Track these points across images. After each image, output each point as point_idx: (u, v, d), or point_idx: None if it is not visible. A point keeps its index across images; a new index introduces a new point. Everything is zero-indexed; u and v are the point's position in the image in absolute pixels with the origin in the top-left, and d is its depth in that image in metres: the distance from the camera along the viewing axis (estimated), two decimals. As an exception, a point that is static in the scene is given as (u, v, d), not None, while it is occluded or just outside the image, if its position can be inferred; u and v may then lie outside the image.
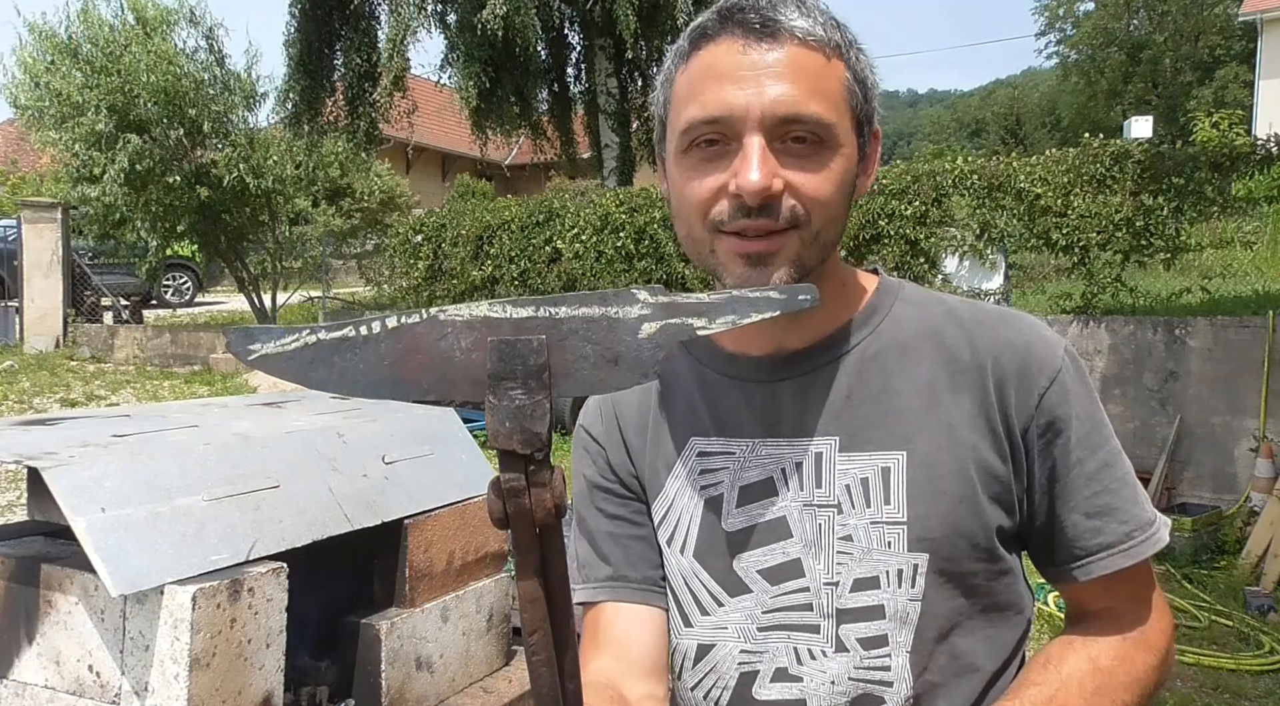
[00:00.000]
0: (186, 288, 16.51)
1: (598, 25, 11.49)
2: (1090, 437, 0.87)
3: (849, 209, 0.88)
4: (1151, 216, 6.49)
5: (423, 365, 0.57)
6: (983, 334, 0.89)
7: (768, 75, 0.80)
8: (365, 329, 0.58)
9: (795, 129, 0.80)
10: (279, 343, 0.58)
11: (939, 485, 0.85)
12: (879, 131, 0.91)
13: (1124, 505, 0.88)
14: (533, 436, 0.54)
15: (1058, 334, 0.92)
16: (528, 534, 0.57)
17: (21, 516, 1.54)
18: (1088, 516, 0.87)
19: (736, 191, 0.80)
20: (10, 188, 18.20)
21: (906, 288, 0.96)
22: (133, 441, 1.46)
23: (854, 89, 0.85)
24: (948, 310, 0.93)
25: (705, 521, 0.91)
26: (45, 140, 12.41)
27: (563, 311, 0.56)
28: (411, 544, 1.64)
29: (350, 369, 0.58)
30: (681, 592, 0.94)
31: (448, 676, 1.68)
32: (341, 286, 16.15)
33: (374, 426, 1.75)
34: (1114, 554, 0.87)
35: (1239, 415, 5.48)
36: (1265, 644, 3.75)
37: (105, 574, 1.19)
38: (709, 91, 0.81)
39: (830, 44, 0.83)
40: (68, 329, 13.07)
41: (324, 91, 12.18)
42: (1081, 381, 0.89)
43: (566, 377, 0.56)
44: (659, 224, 8.43)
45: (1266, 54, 19.87)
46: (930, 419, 0.87)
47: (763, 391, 0.92)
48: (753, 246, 0.82)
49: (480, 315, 0.57)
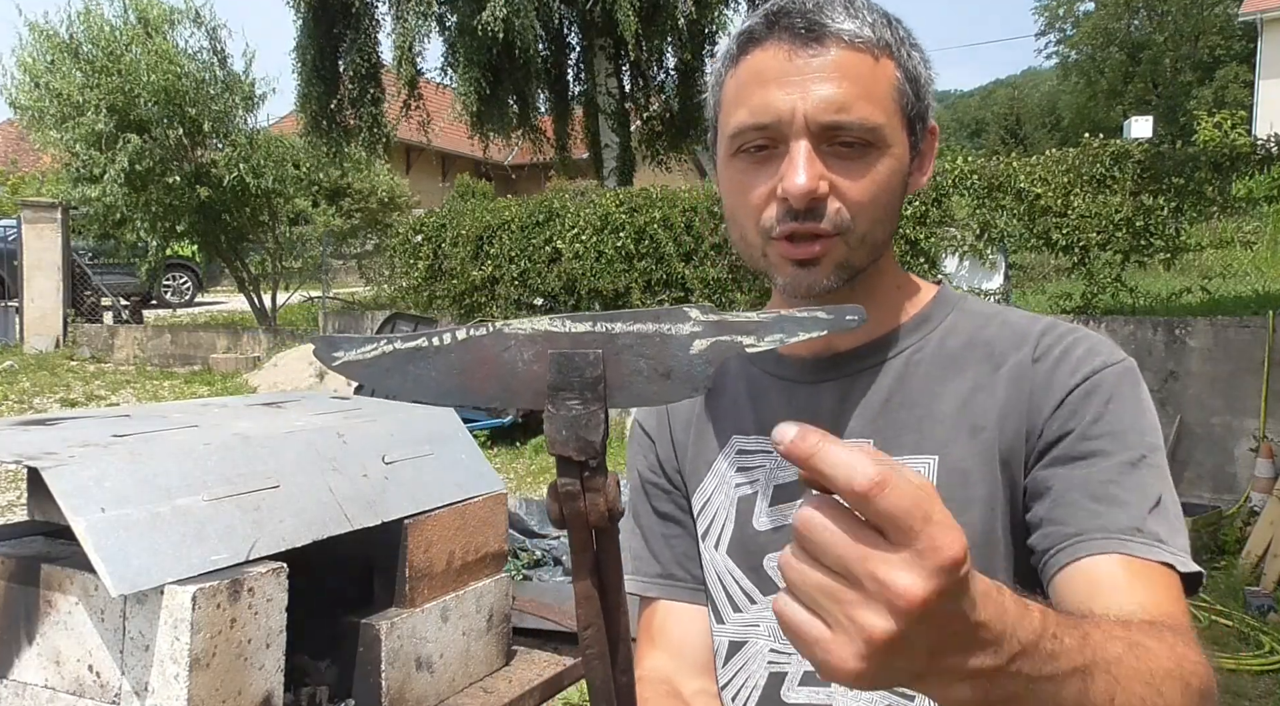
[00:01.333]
0: (186, 288, 16.51)
1: (598, 26, 11.49)
2: (1121, 437, 0.81)
3: (899, 209, 0.88)
4: (1151, 216, 6.50)
5: (489, 375, 0.60)
6: (1031, 340, 0.88)
7: (814, 80, 0.80)
8: (437, 340, 0.61)
9: (842, 134, 0.81)
10: (360, 351, 0.62)
11: (970, 491, 0.83)
12: (935, 127, 0.91)
13: (1135, 504, 0.78)
14: (587, 445, 0.57)
15: (1120, 351, 0.87)
16: (583, 535, 0.60)
17: (21, 516, 1.54)
18: (1093, 499, 0.79)
19: (783, 195, 0.81)
20: (10, 188, 18.19)
21: (968, 300, 0.95)
22: (133, 441, 1.46)
23: (904, 88, 0.84)
24: (1004, 322, 0.91)
25: (738, 519, 0.92)
26: (45, 140, 12.41)
27: (618, 327, 0.58)
28: (411, 544, 1.64)
29: (423, 377, 0.61)
30: (715, 588, 0.94)
31: (448, 676, 1.68)
32: (341, 286, 16.16)
33: (374, 426, 1.75)
34: (1109, 538, 0.76)
35: (1239, 415, 5.48)
36: (1265, 644, 3.76)
37: (105, 574, 1.19)
38: (756, 97, 0.82)
39: (879, 44, 0.83)
40: (68, 329, 13.07)
41: (336, 96, 12.20)
42: (1131, 390, 0.84)
43: (621, 390, 0.58)
44: (659, 224, 8.43)
45: (1266, 54, 19.87)
46: (964, 424, 0.85)
47: (805, 391, 0.92)
48: (800, 252, 0.83)
49: (542, 329, 0.59)
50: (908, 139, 0.86)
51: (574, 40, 12.87)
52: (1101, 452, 0.81)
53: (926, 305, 0.93)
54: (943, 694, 0.51)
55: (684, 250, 8.35)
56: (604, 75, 12.23)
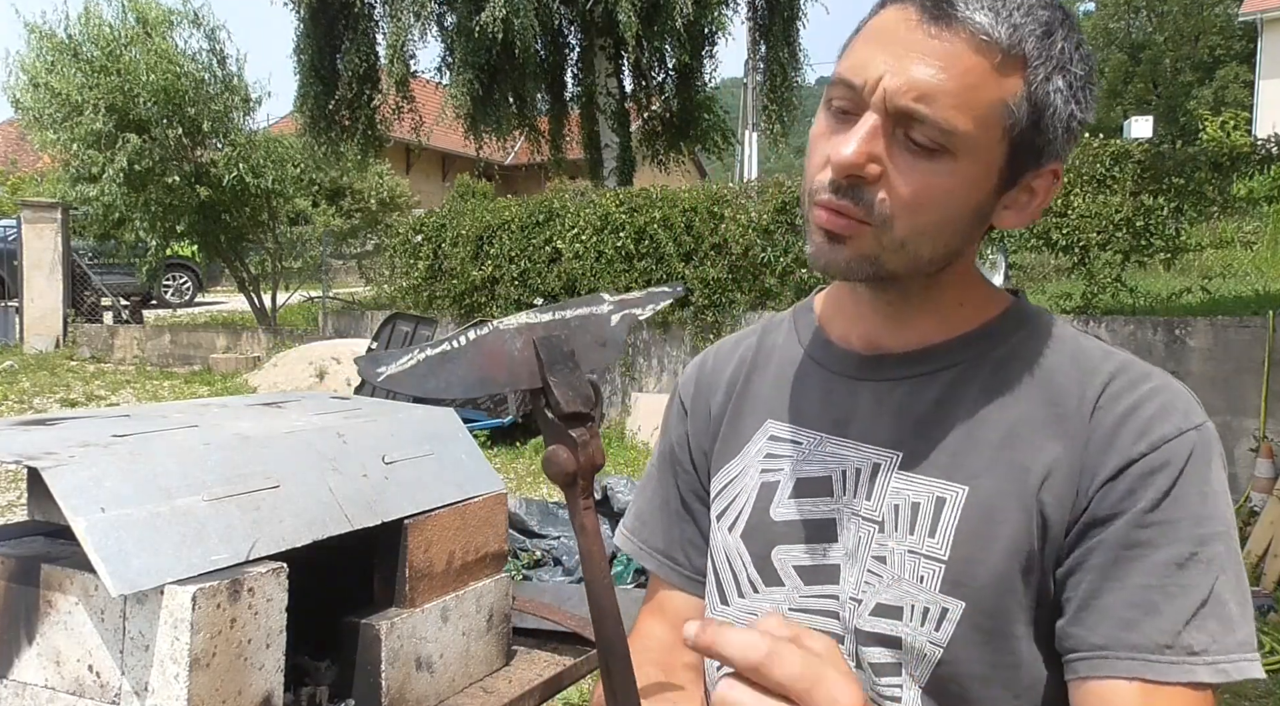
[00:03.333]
0: (186, 288, 16.51)
1: (598, 25, 11.49)
2: (1179, 527, 0.73)
3: (960, 232, 0.79)
4: (1151, 216, 6.50)
5: (498, 365, 0.73)
6: (1097, 382, 0.79)
7: (915, 59, 0.73)
8: (456, 343, 0.74)
9: (914, 127, 0.74)
10: (398, 364, 0.73)
11: (995, 530, 0.77)
12: (1058, 170, 0.81)
13: (1174, 615, 0.72)
14: (588, 397, 0.72)
15: (1197, 411, 0.79)
16: (589, 480, 0.73)
17: (21, 516, 1.54)
18: (1128, 605, 0.73)
19: (831, 162, 0.77)
20: (10, 187, 18.19)
21: (1042, 320, 0.86)
22: (133, 441, 1.46)
23: (1018, 109, 0.74)
24: (1075, 353, 0.83)
25: (757, 505, 0.90)
26: (44, 141, 12.41)
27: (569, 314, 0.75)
28: (411, 544, 1.64)
29: (453, 376, 0.73)
30: (723, 570, 0.93)
31: (448, 676, 1.68)
32: (341, 286, 16.15)
33: (374, 426, 1.75)
34: (1135, 659, 0.72)
35: (1239, 415, 5.48)
36: (1265, 644, 3.75)
37: (105, 574, 1.20)
38: (860, 53, 0.77)
39: (1011, 52, 0.73)
40: (68, 329, 13.07)
41: (336, 97, 12.22)
42: (1200, 467, 0.75)
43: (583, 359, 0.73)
44: (659, 224, 8.43)
45: (1266, 54, 19.88)
46: (1004, 457, 0.78)
47: (843, 387, 0.89)
48: (828, 223, 0.78)
49: (523, 322, 0.74)
50: (1003, 164, 0.77)
51: (573, 40, 12.87)
52: (1149, 545, 0.74)
53: (992, 320, 0.86)
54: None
55: (684, 250, 8.34)
56: (604, 75, 12.22)
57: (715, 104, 14.02)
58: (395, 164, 20.29)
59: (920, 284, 0.83)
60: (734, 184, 9.57)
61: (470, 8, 10.95)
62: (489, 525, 1.84)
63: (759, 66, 13.15)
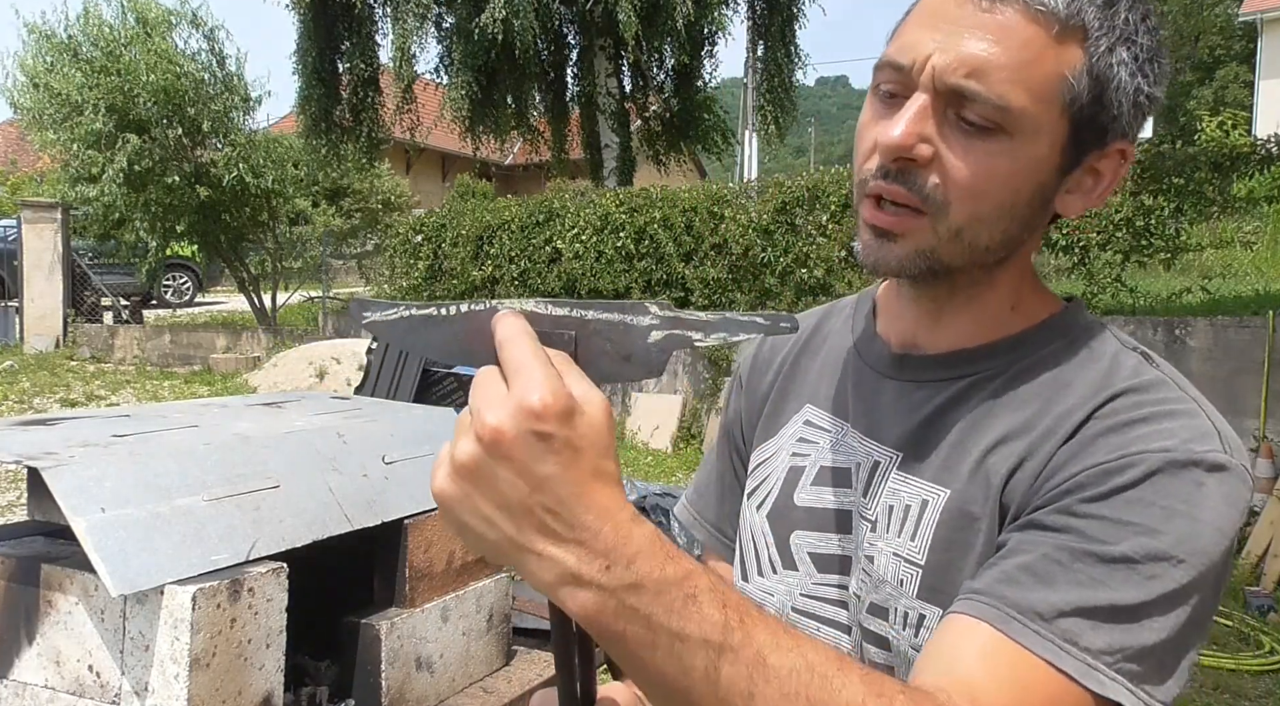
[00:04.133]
0: (186, 288, 16.51)
1: (598, 25, 11.49)
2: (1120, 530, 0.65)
3: (1020, 219, 0.75)
4: (1151, 216, 6.50)
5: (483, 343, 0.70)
6: (1105, 396, 0.72)
7: (965, 34, 0.70)
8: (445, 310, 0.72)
9: (967, 106, 0.70)
10: (383, 313, 0.74)
11: (969, 538, 0.74)
12: (1128, 151, 0.76)
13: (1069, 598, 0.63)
14: None
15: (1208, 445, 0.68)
16: None
17: (21, 516, 1.54)
18: (1023, 568, 0.66)
19: (878, 145, 0.73)
20: (10, 188, 18.20)
21: (1091, 333, 0.79)
22: (133, 441, 1.46)
23: (1078, 82, 0.70)
24: (1110, 369, 0.75)
25: (784, 488, 0.91)
26: (44, 141, 12.41)
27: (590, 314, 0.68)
28: (411, 544, 1.64)
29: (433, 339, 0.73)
30: (748, 547, 0.94)
31: (448, 676, 1.68)
32: (342, 286, 16.15)
33: (374, 426, 1.75)
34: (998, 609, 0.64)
35: (1239, 415, 5.48)
36: (1265, 644, 3.75)
37: (105, 574, 1.19)
38: (909, 34, 0.74)
39: (1069, 22, 0.69)
40: (68, 329, 13.07)
41: (336, 99, 12.23)
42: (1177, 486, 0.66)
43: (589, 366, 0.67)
44: (659, 224, 8.43)
45: (1266, 54, 19.88)
46: (986, 463, 0.75)
47: (872, 382, 0.88)
48: (877, 219, 0.74)
49: (528, 309, 0.70)
50: (1065, 143, 0.73)
51: (573, 41, 12.87)
52: (1076, 533, 0.65)
53: (1030, 328, 0.81)
54: (546, 585, 0.53)
55: (684, 250, 8.35)
56: (604, 75, 12.22)
57: (715, 104, 14.04)
58: (395, 164, 20.29)
59: (972, 280, 0.79)
60: (734, 184, 9.57)
61: (470, 9, 10.95)
62: (489, 525, 1.85)
63: (757, 67, 13.15)
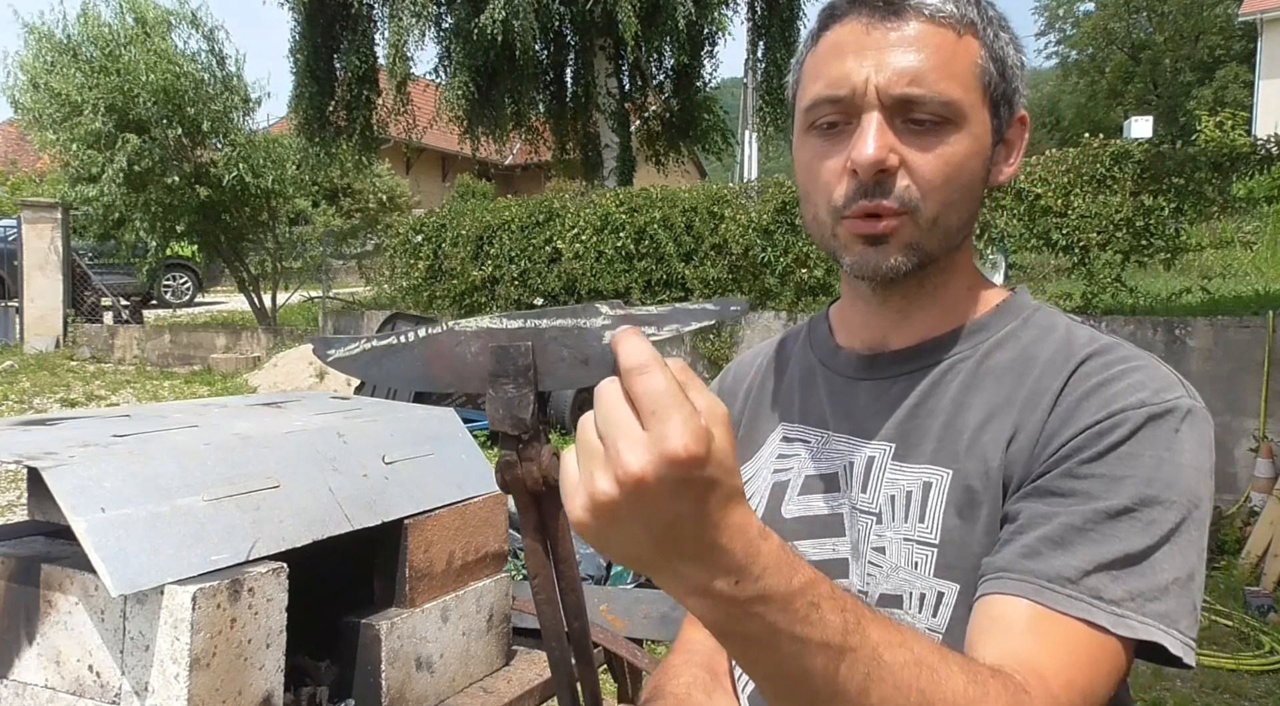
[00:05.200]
0: (186, 288, 16.51)
1: (598, 25, 11.48)
2: (1120, 484, 0.72)
3: (978, 196, 0.85)
4: (1151, 216, 6.50)
5: (445, 365, 0.72)
6: (1073, 363, 0.80)
7: (890, 52, 0.79)
8: (404, 338, 0.74)
9: (915, 110, 0.79)
10: (346, 349, 0.75)
11: (976, 512, 0.78)
12: (1025, 117, 0.88)
13: (1087, 555, 0.70)
14: (519, 421, 0.68)
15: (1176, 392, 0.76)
16: (525, 498, 0.71)
17: (21, 516, 1.54)
18: (1043, 539, 0.72)
19: (852, 167, 0.80)
20: (10, 188, 18.19)
21: (1040, 313, 0.89)
22: (133, 441, 1.46)
23: (988, 67, 0.82)
24: (1066, 338, 0.84)
25: (770, 504, 0.93)
26: (44, 141, 12.41)
27: (544, 323, 0.69)
28: (411, 544, 1.64)
29: (396, 368, 0.74)
30: None
31: (448, 676, 1.68)
32: (341, 286, 16.15)
33: (374, 426, 1.75)
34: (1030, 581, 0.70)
35: (1239, 415, 5.48)
36: (1265, 644, 3.75)
37: (105, 574, 1.19)
38: (833, 69, 0.81)
39: (963, 21, 0.80)
40: (68, 329, 13.07)
41: (332, 98, 12.21)
42: (1158, 434, 0.73)
43: (549, 375, 0.69)
44: (659, 224, 8.43)
45: (1266, 54, 19.87)
46: (982, 440, 0.81)
47: (846, 387, 0.92)
48: (866, 227, 0.81)
49: (484, 327, 0.71)
50: (990, 122, 0.83)
51: (572, 41, 12.86)
52: (1083, 495, 0.72)
53: (989, 313, 0.89)
54: (677, 594, 0.55)
55: (684, 250, 8.35)
56: (604, 75, 12.22)
57: (715, 104, 14.03)
58: (395, 164, 20.28)
59: (940, 267, 0.85)
60: (734, 184, 9.57)
61: (469, 9, 10.94)
62: (489, 525, 1.85)
63: (757, 67, 13.15)
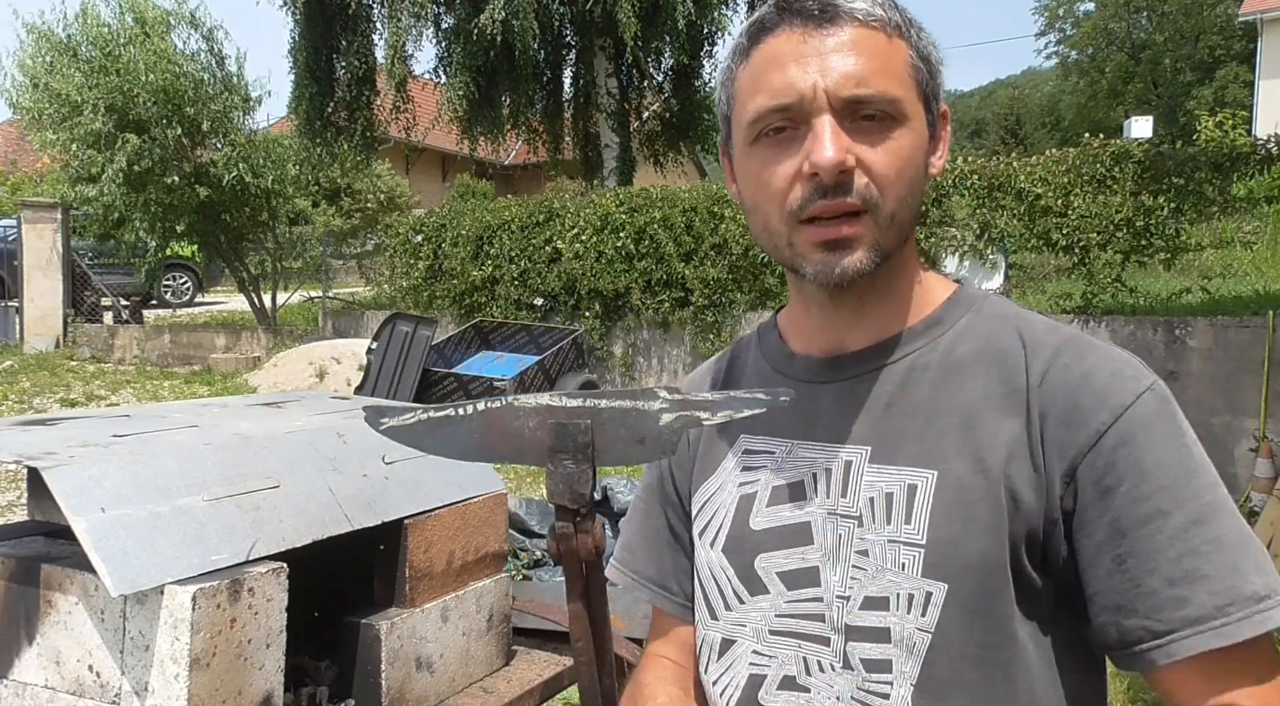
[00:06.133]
0: (186, 288, 16.50)
1: (597, 26, 11.48)
2: (1177, 488, 0.76)
3: (922, 190, 0.87)
4: (1151, 216, 6.50)
5: (502, 439, 0.75)
6: (1043, 356, 0.83)
7: (832, 57, 0.81)
8: (462, 410, 0.76)
9: (863, 108, 0.81)
10: (400, 419, 0.77)
11: (968, 511, 0.79)
12: (947, 111, 0.91)
13: (1217, 572, 0.75)
14: (579, 496, 0.72)
15: (1146, 372, 0.82)
16: (576, 567, 0.75)
17: (21, 516, 1.54)
18: (1170, 583, 0.75)
19: (811, 170, 0.80)
20: (10, 188, 18.19)
21: (989, 303, 0.91)
22: (133, 441, 1.46)
23: (918, 65, 0.85)
24: (1020, 328, 0.87)
25: (737, 518, 0.92)
26: (44, 141, 12.40)
27: (603, 403, 0.73)
28: (411, 544, 1.64)
29: (452, 439, 0.76)
30: (709, 585, 0.94)
31: (448, 676, 1.68)
32: (341, 286, 16.14)
33: (374, 426, 1.75)
34: (1202, 631, 0.74)
35: (1239, 415, 5.48)
36: (1265, 644, 3.75)
37: (105, 574, 1.19)
38: (775, 80, 0.82)
39: (891, 23, 0.83)
40: (68, 329, 13.07)
41: (331, 98, 12.20)
42: (1167, 422, 0.79)
43: (606, 452, 0.72)
44: (659, 224, 8.43)
45: (1266, 54, 19.87)
46: (969, 439, 0.81)
47: (808, 392, 0.91)
48: (830, 233, 0.82)
49: (544, 403, 0.74)
50: (925, 117, 0.86)
51: (572, 41, 12.86)
52: (1160, 514, 0.76)
53: (940, 307, 0.91)
54: None
55: (684, 250, 8.34)
56: (604, 75, 12.22)
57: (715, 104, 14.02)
58: (395, 164, 20.28)
59: (891, 264, 0.86)
60: (734, 184, 9.54)
61: (469, 9, 10.94)
62: (489, 525, 1.84)
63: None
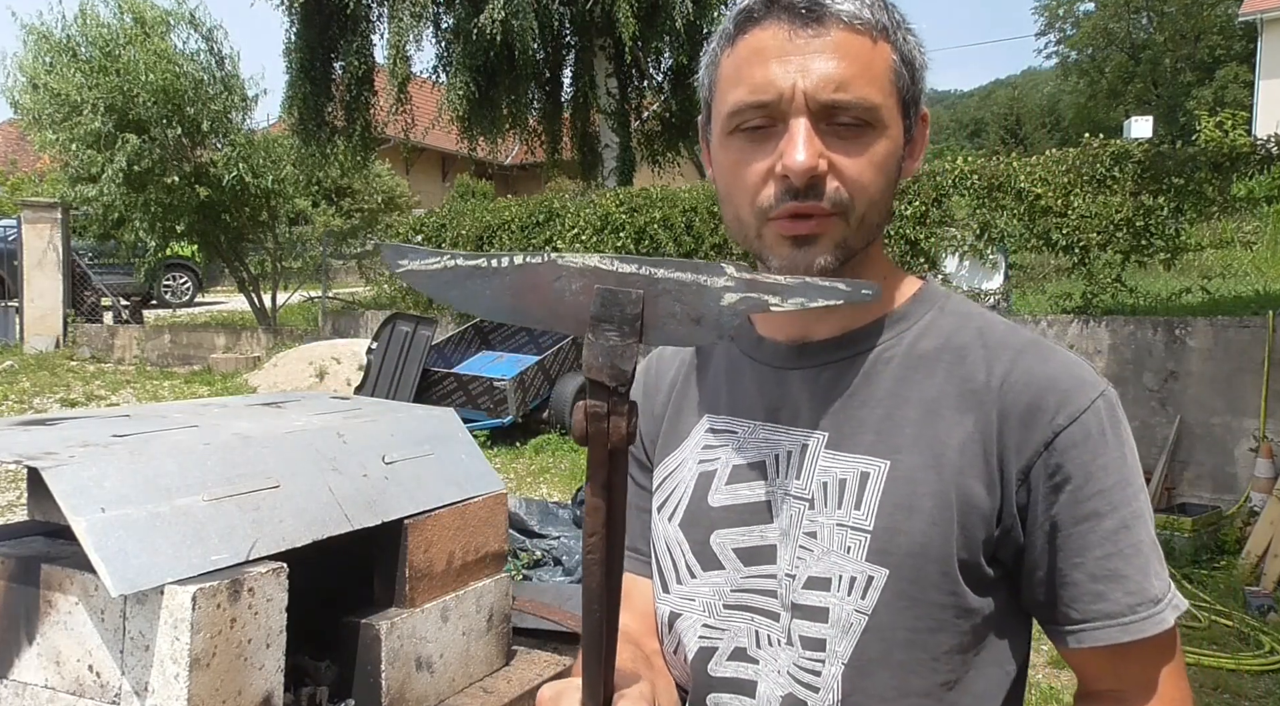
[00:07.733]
0: (186, 288, 16.51)
1: (597, 26, 11.48)
2: (1114, 493, 0.83)
3: (893, 193, 0.88)
4: (1151, 216, 6.49)
5: (539, 300, 0.67)
6: (1005, 358, 0.86)
7: (814, 58, 0.81)
8: (496, 262, 0.67)
9: (840, 113, 0.81)
10: (424, 261, 0.68)
11: (916, 503, 0.83)
12: (927, 114, 0.92)
13: (1135, 574, 0.83)
14: (619, 372, 0.64)
15: (1100, 378, 0.86)
16: (602, 453, 0.67)
17: (21, 516, 1.54)
18: (1093, 578, 0.83)
19: (783, 172, 0.81)
20: (10, 188, 18.19)
21: (952, 300, 0.94)
22: (133, 441, 1.46)
23: (901, 71, 0.85)
24: (981, 328, 0.89)
25: (695, 494, 0.94)
26: (44, 141, 12.40)
27: (660, 273, 0.64)
28: (411, 544, 1.64)
29: (480, 293, 0.68)
30: (664, 559, 0.97)
31: (448, 676, 1.68)
32: (341, 286, 16.15)
33: (374, 426, 1.75)
34: (1111, 626, 0.83)
35: (1239, 415, 5.48)
36: (1265, 644, 3.76)
37: (105, 574, 1.19)
38: (756, 74, 0.82)
39: (877, 26, 0.83)
40: (68, 329, 13.07)
41: (327, 98, 12.18)
42: (1114, 430, 0.84)
43: (655, 329, 0.65)
44: (659, 224, 8.43)
45: (1266, 54, 19.87)
46: (925, 434, 0.84)
47: (775, 377, 0.93)
48: (798, 229, 0.82)
49: (591, 265, 0.65)
50: (903, 122, 0.87)
51: (572, 41, 12.85)
52: (1096, 515, 0.83)
53: (907, 302, 0.93)
54: None
55: (684, 250, 8.34)
56: (604, 75, 12.22)
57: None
58: (395, 164, 20.27)
59: (857, 261, 0.88)
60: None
61: (468, 9, 10.94)
62: (489, 525, 1.85)
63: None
